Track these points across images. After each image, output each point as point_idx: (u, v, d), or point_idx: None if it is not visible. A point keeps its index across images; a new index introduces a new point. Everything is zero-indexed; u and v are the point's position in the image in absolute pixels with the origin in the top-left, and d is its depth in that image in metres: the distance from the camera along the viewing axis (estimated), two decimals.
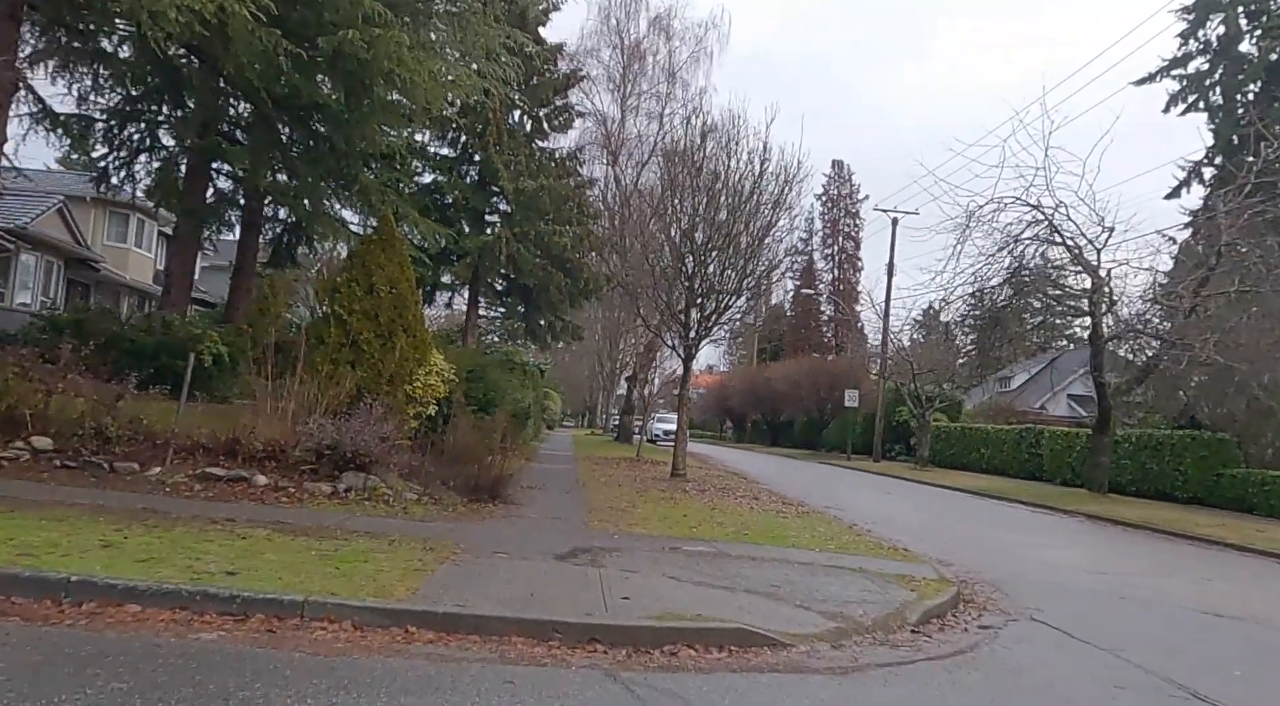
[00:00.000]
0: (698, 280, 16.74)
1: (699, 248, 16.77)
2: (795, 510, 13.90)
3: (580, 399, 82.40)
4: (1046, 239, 20.89)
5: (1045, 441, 30.02)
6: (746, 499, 15.11)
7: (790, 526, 11.48)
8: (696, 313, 16.83)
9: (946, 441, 36.80)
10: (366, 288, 13.36)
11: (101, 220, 30.01)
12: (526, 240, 23.23)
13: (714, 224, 16.67)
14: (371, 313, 13.24)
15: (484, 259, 22.36)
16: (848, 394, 39.74)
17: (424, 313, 14.58)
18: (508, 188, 22.31)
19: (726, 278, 16.56)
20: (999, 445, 33.22)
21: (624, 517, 10.93)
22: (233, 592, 4.71)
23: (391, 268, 13.64)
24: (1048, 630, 6.93)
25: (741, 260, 16.35)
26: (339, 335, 13.06)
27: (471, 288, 24.22)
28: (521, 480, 14.87)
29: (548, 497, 12.87)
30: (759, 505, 14.21)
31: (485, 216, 24.09)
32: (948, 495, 22.72)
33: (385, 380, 13.24)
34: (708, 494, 15.49)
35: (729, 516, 12.05)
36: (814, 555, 8.98)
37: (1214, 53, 32.92)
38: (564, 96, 24.25)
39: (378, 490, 9.94)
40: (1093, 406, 51.30)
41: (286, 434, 10.05)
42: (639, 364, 30.47)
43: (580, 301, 25.32)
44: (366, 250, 13.64)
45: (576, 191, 23.05)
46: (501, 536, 8.49)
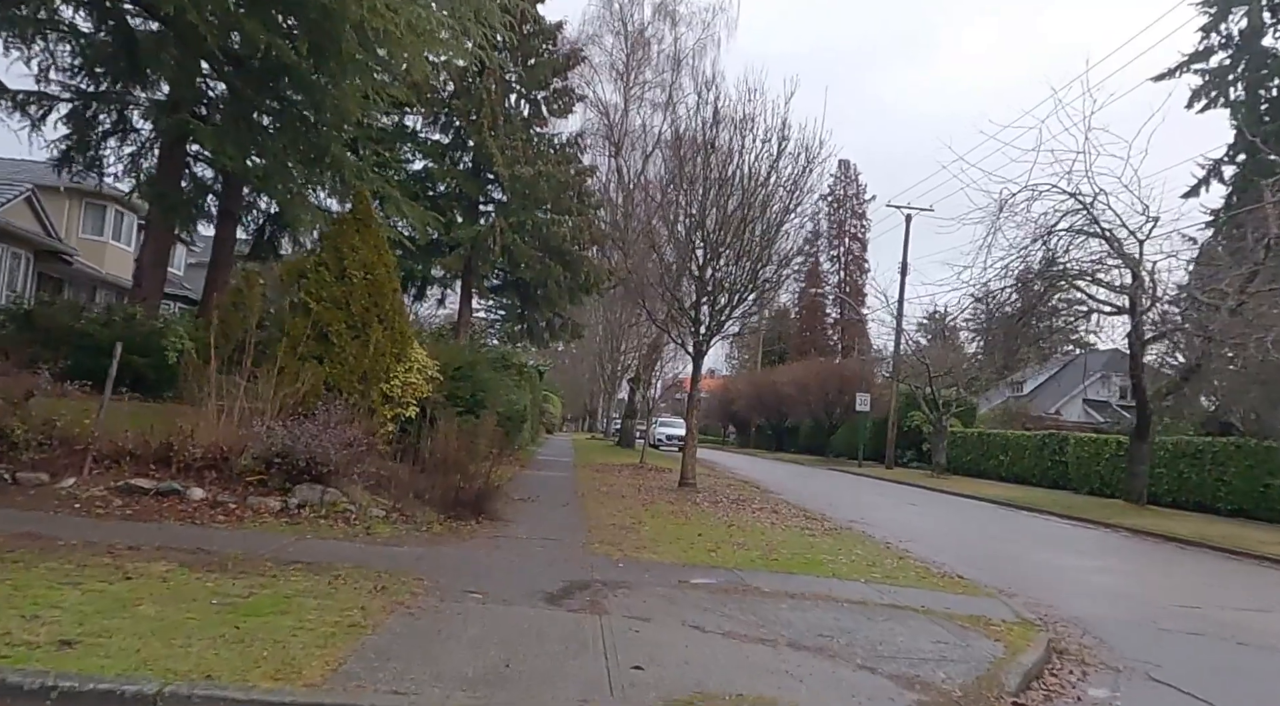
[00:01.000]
0: (709, 271, 15.20)
1: (710, 237, 15.22)
2: (821, 526, 12.32)
3: (581, 402, 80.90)
4: (1083, 230, 19.33)
5: (1070, 448, 28.45)
6: (765, 512, 13.53)
7: (822, 547, 9.90)
8: (708, 307, 15.27)
9: (963, 448, 35.22)
10: (337, 273, 11.81)
11: (76, 211, 28.49)
12: (522, 231, 21.68)
13: (726, 211, 15.15)
14: (342, 301, 11.69)
15: (476, 250, 20.81)
16: (859, 398, 38.14)
17: (406, 305, 13.00)
18: (503, 174, 20.78)
19: (741, 268, 15.01)
20: (1019, 452, 31.66)
21: (629, 538, 9.36)
22: (47, 681, 3.14)
23: (366, 251, 12.08)
24: (1181, 698, 5.35)
25: (757, 249, 14.80)
26: (304, 326, 11.50)
27: (464, 282, 22.66)
28: (514, 491, 13.31)
29: (542, 512, 11.30)
30: (780, 520, 12.64)
31: (479, 206, 22.56)
32: (974, 506, 21.13)
33: (358, 377, 11.69)
34: (721, 506, 13.92)
35: (751, 535, 10.47)
36: (862, 588, 7.40)
37: (1236, 47, 31.51)
38: (564, 78, 22.74)
39: (337, 505, 8.39)
40: (1109, 412, 50.00)
41: (231, 439, 8.49)
42: (642, 365, 28.87)
43: (580, 297, 23.75)
44: (339, 232, 12.08)
45: (577, 179, 21.52)
46: (480, 565, 6.92)
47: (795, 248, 14.79)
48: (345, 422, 8.69)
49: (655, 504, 13.33)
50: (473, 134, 20.96)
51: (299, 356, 11.37)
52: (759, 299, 15.06)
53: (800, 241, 15.02)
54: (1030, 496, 23.95)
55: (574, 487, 15.40)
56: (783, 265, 15.03)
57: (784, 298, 69.03)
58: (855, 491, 22.95)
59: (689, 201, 15.12)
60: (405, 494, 9.27)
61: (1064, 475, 28.85)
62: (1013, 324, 20.89)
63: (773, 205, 14.87)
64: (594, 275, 22.73)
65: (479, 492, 9.82)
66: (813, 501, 17.39)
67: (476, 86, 21.25)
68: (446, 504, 9.43)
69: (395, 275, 12.69)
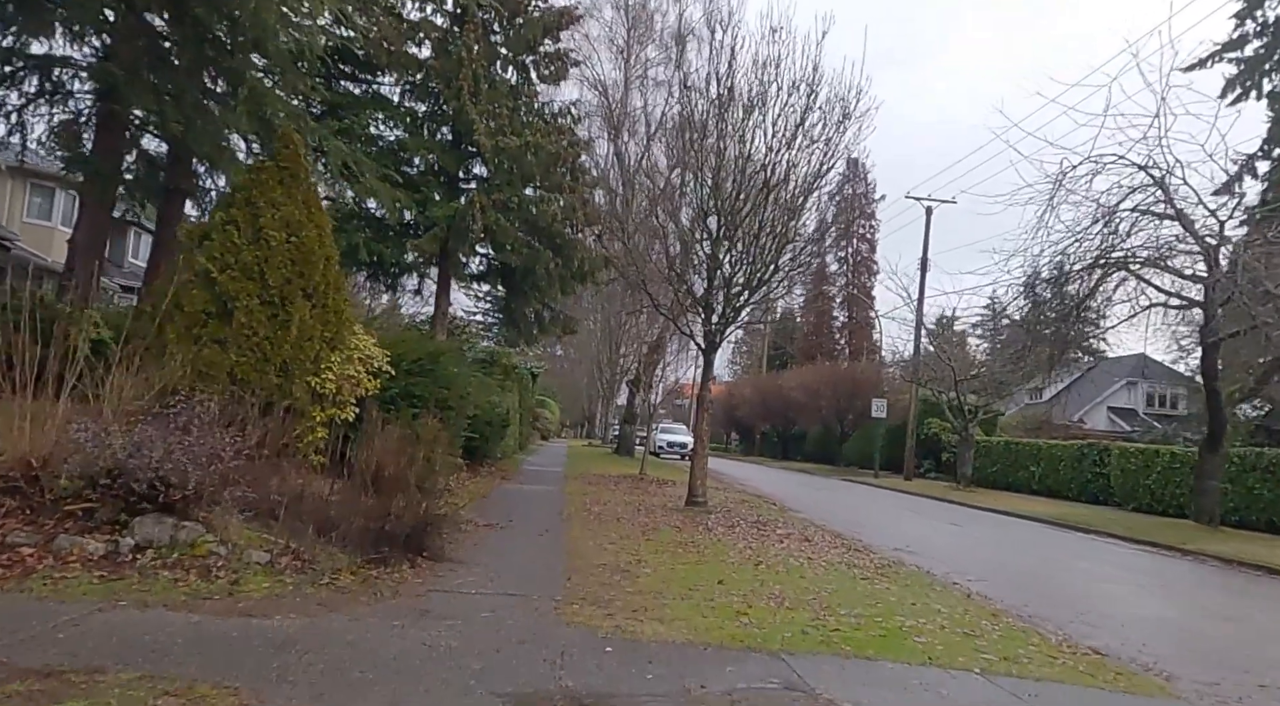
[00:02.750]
0: (724, 248, 12.58)
1: (725, 206, 12.60)
2: (870, 561, 9.65)
3: (579, 408, 78.26)
4: (1149, 210, 16.70)
5: (1114, 460, 25.77)
6: (794, 540, 10.86)
7: (887, 600, 7.24)
8: (722, 291, 12.65)
9: (988, 458, 32.54)
10: (251, 235, 9.18)
11: (20, 194, 25.89)
12: (507, 210, 19.06)
13: (745, 175, 12.55)
14: (255, 270, 9.05)
15: (454, 231, 18.19)
16: (874, 403, 35.49)
17: (344, 280, 10.36)
18: (485, 145, 18.18)
19: (761, 244, 12.37)
20: (1053, 463, 29.00)
21: (624, 590, 6.70)
22: None
23: (292, 207, 9.45)
24: None
25: (782, 221, 12.19)
26: (204, 301, 8.88)
27: (441, 268, 20.03)
28: (482, 512, 10.65)
29: (510, 546, 8.63)
30: (815, 552, 9.97)
31: (459, 183, 19.94)
32: (1020, 525, 18.44)
33: (275, 368, 9.05)
34: (740, 531, 11.26)
35: (788, 579, 7.80)
36: (986, 689, 4.74)
37: (1271, 35, 29.03)
38: (555, 39, 20.18)
39: (197, 547, 5.74)
40: (1136, 420, 47.22)
41: (47, 449, 5.85)
42: (642, 366, 26.20)
43: (573, 287, 21.09)
44: (254, 182, 9.43)
45: (570, 151, 18.94)
46: (378, 658, 4.27)
47: (829, 218, 12.18)
48: (210, 426, 6.03)
49: (658, 530, 10.67)
50: (450, 99, 18.35)
51: (195, 339, 8.76)
52: (785, 279, 12.45)
53: (832, 211, 12.39)
54: (1075, 514, 21.27)
55: (560, 506, 12.74)
56: (813, 240, 12.41)
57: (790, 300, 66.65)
58: (881, 507, 20.27)
59: (700, 164, 12.49)
60: (311, 526, 6.62)
61: (1105, 489, 26.21)
62: (1064, 318, 18.23)
63: (800, 168, 12.27)
64: (589, 262, 20.09)
65: (418, 522, 7.17)
66: (842, 521, 14.76)
67: (455, 45, 18.67)
68: (370, 540, 6.78)
69: (331, 241, 10.05)
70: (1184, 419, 42.53)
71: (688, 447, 42.43)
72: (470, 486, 14.25)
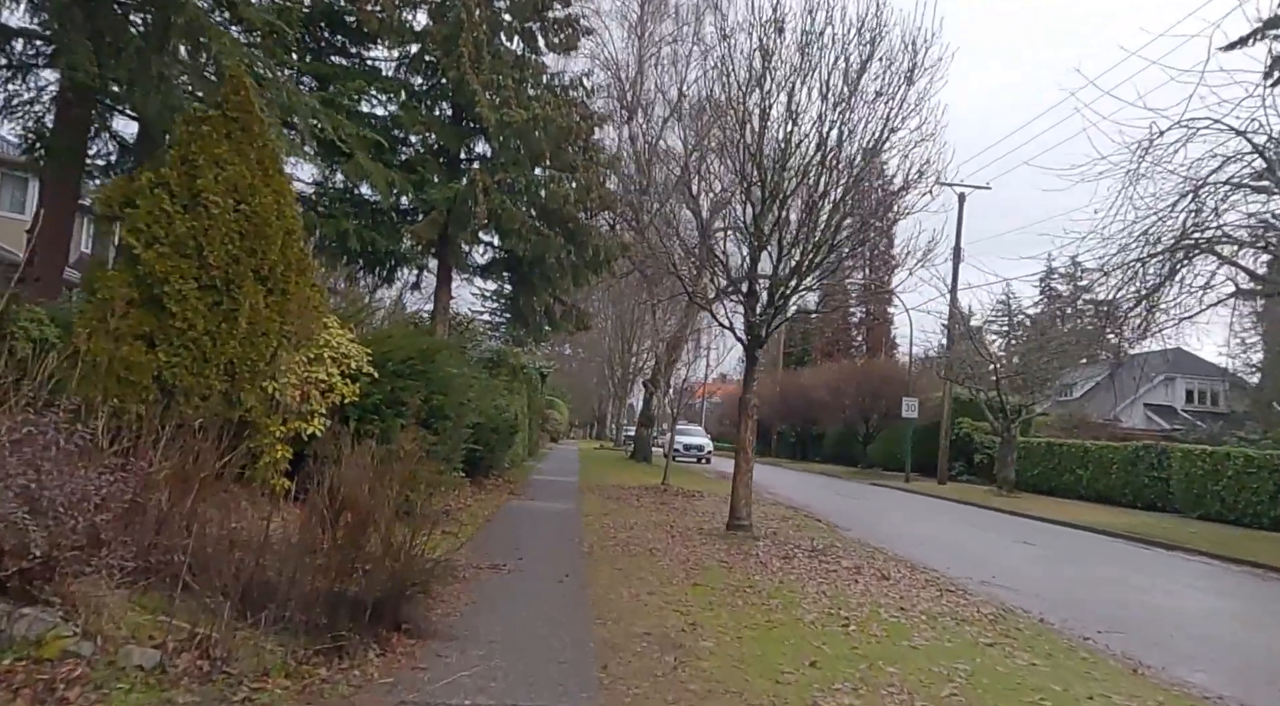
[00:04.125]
0: (771, 216, 10.55)
1: (771, 177, 10.57)
2: (977, 612, 7.59)
3: (589, 408, 76.38)
4: (1248, 183, 14.59)
5: (1176, 463, 23.62)
6: (870, 577, 8.81)
7: (1050, 690, 5.20)
8: (767, 276, 10.61)
9: (1028, 460, 30.38)
10: (187, 199, 7.20)
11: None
12: (514, 192, 17.08)
13: (793, 138, 10.51)
14: (191, 245, 7.07)
15: (455, 215, 16.20)
16: (905, 402, 33.36)
17: (311, 262, 8.36)
18: (489, 118, 16.19)
19: (817, 220, 10.33)
20: (1103, 466, 26.86)
21: (684, 688, 4.67)
22: None
23: (241, 167, 7.46)
24: None
25: (843, 183, 10.15)
26: (123, 285, 6.90)
27: (441, 258, 18.05)
28: (484, 545, 8.66)
29: (520, 603, 6.60)
30: (904, 597, 7.93)
31: (460, 163, 17.95)
32: (1096, 542, 16.33)
33: (218, 371, 7.07)
34: (798, 565, 9.23)
35: (897, 654, 5.75)
36: None
37: None
38: (565, 4, 18.21)
39: (46, 647, 3.75)
40: (1176, 418, 44.89)
41: None
42: (662, 363, 24.12)
43: (587, 277, 19.06)
44: (193, 135, 7.45)
45: (582, 126, 16.94)
46: None
47: (897, 188, 10.07)
48: (71, 456, 4.04)
49: (703, 567, 8.64)
50: (449, 69, 16.34)
51: (114, 335, 6.78)
52: (853, 250, 10.35)
53: (904, 176, 10.28)
54: (1145, 525, 19.17)
55: (579, 532, 10.72)
56: (881, 207, 10.31)
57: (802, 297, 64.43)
58: (931, 520, 18.18)
59: (741, 121, 10.43)
60: (238, 596, 4.61)
61: (1165, 495, 24.08)
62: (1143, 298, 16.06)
63: (863, 125, 10.21)
64: (604, 250, 18.07)
65: (391, 583, 5.17)
66: (898, 540, 12.76)
67: (454, 9, 16.66)
68: (323, 611, 4.79)
69: (295, 212, 8.07)
70: (1228, 417, 40.32)
71: (704, 450, 40.47)
72: (473, 506, 12.27)
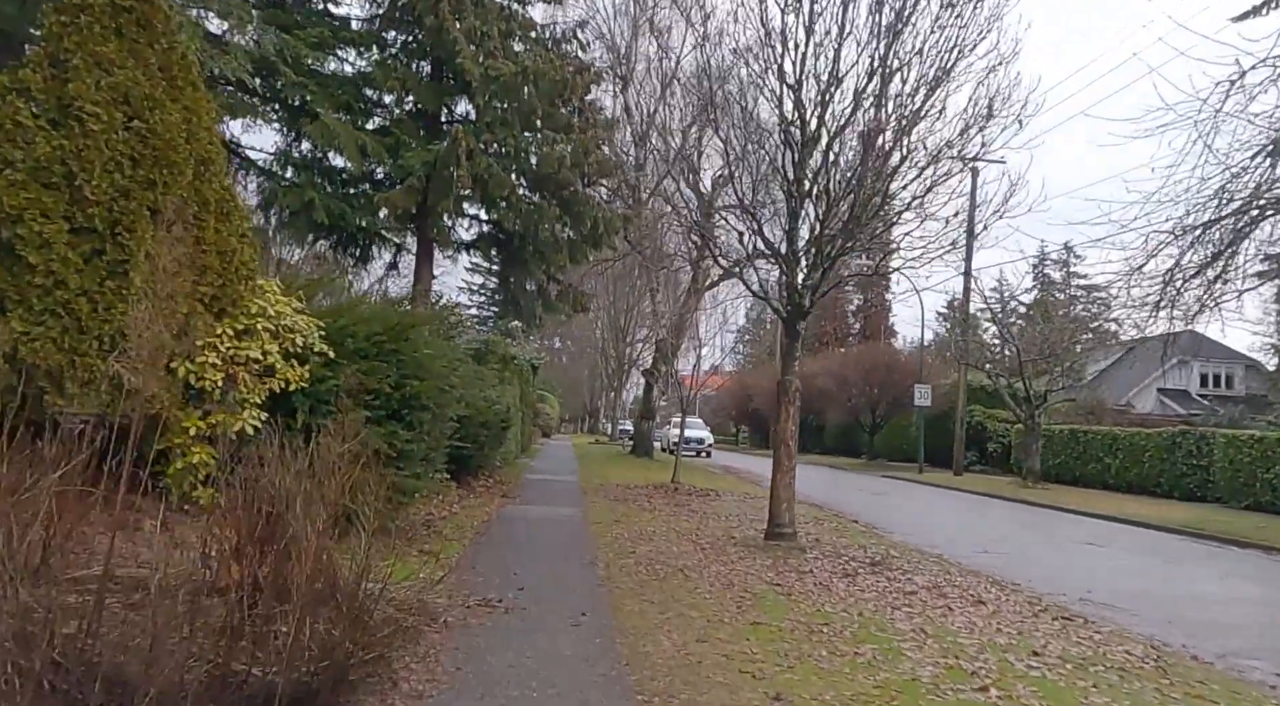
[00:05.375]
0: (820, 159, 8.66)
1: (818, 105, 8.69)
2: (1126, 654, 5.76)
3: (580, 402, 74.50)
4: None
5: (1219, 450, 21.96)
6: (958, 599, 6.96)
7: None
8: (816, 226, 8.71)
9: (1049, 448, 28.70)
10: (55, 111, 5.25)
11: None
12: (502, 158, 15.13)
13: (836, 65, 8.63)
14: (57, 172, 5.12)
15: (435, 182, 14.25)
16: (917, 390, 31.65)
17: (239, 203, 6.36)
18: (472, 72, 14.24)
19: (880, 159, 8.45)
20: (1134, 454, 25.20)
21: None
22: None
23: (133, 73, 5.51)
24: None
25: (903, 116, 8.25)
26: None
27: (420, 233, 16.07)
28: (472, 567, 6.78)
29: (522, 663, 4.67)
30: (1016, 627, 6.09)
31: (441, 124, 15.96)
32: (1160, 539, 14.56)
33: (100, 344, 5.14)
34: (865, 584, 7.38)
35: None
36: None
37: None
38: None
39: None
40: (1191, 402, 43.36)
41: None
42: (666, 349, 22.19)
43: (586, 253, 17.07)
44: (66, 29, 5.48)
45: (577, 80, 14.98)
46: None
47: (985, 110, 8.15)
48: None
49: (754, 593, 6.76)
50: (426, 13, 14.34)
51: None
52: (919, 198, 8.47)
53: (982, 106, 8.35)
54: (1201, 518, 17.43)
55: (589, 547, 8.82)
56: (943, 153, 8.38)
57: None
58: (973, 517, 16.39)
59: (780, 33, 8.51)
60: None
61: (1205, 484, 22.44)
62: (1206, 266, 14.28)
63: (926, 44, 8.32)
64: (604, 222, 16.13)
65: (327, 657, 3.26)
66: (949, 542, 11.03)
67: None
68: None
69: (216, 138, 6.12)
70: (1247, 401, 38.83)
71: (704, 444, 38.58)
72: (459, 514, 10.36)
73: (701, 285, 26.05)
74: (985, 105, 7.97)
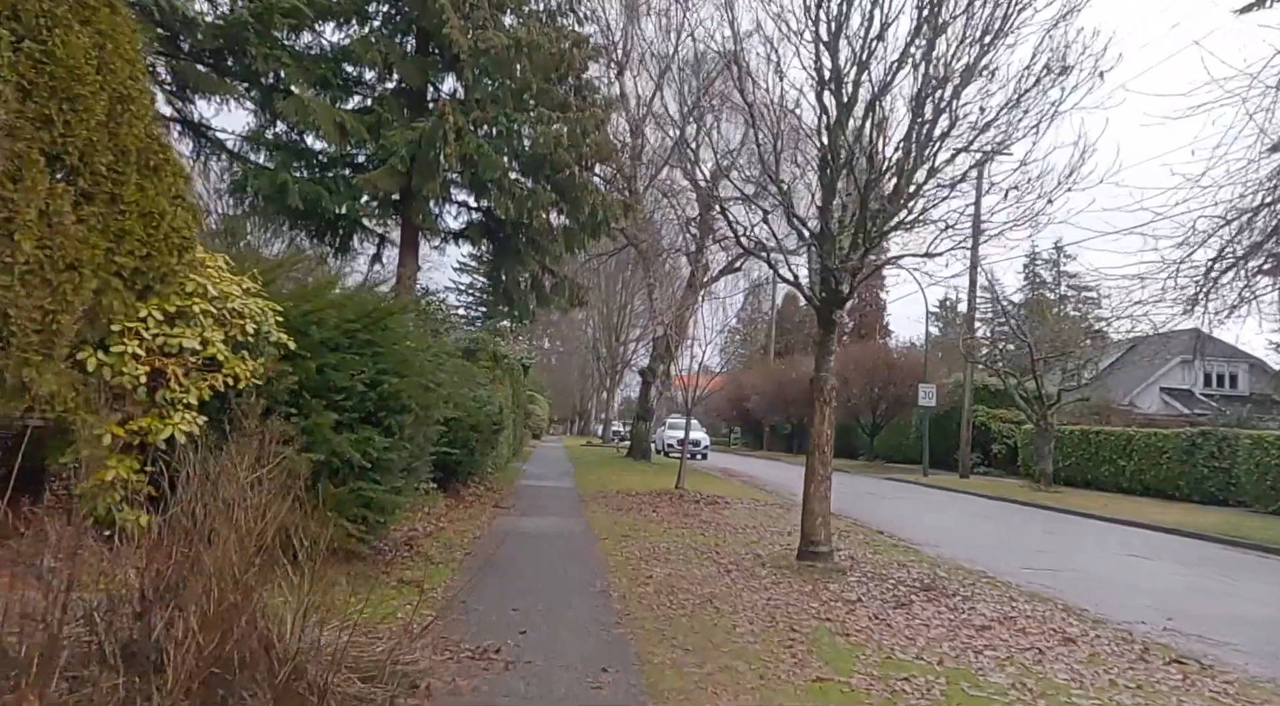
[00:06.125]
0: (850, 130, 7.53)
1: (856, 63, 7.57)
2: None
3: (570, 403, 73.31)
4: None
5: (1243, 452, 21.04)
6: (1050, 640, 5.84)
7: None
8: (856, 195, 7.57)
9: (1060, 450, 27.72)
10: None
11: None
12: (493, 139, 13.94)
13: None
14: None
15: (420, 163, 13.04)
16: (922, 390, 30.63)
17: (171, 153, 5.12)
18: (461, 44, 13.06)
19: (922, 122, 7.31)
20: (1151, 456, 24.27)
21: None
22: None
23: None
24: None
25: (968, 59, 7.13)
26: None
27: (404, 218, 14.83)
28: (459, 601, 5.60)
29: None
30: (1138, 682, 4.99)
31: (427, 104, 14.74)
32: (1203, 549, 13.51)
33: None
34: (925, 617, 6.25)
35: None
36: None
37: None
38: None
39: None
40: (1194, 402, 42.57)
41: None
42: (671, 343, 21.00)
43: (584, 242, 15.87)
44: None
45: (575, 54, 13.77)
46: None
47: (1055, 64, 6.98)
48: None
49: (802, 631, 5.61)
50: None
51: None
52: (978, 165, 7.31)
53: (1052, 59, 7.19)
54: (1233, 524, 16.46)
55: (597, 570, 7.64)
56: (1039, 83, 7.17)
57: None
58: (992, 524, 15.31)
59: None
60: None
61: (1227, 487, 21.55)
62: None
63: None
64: (603, 209, 14.96)
65: None
66: (991, 558, 9.90)
67: None
68: None
69: (141, 70, 4.90)
70: (1253, 401, 38.05)
71: (700, 445, 37.41)
72: (448, 529, 9.17)
73: (700, 281, 24.93)
74: (1061, 55, 6.82)
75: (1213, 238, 13.64)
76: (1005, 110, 7.27)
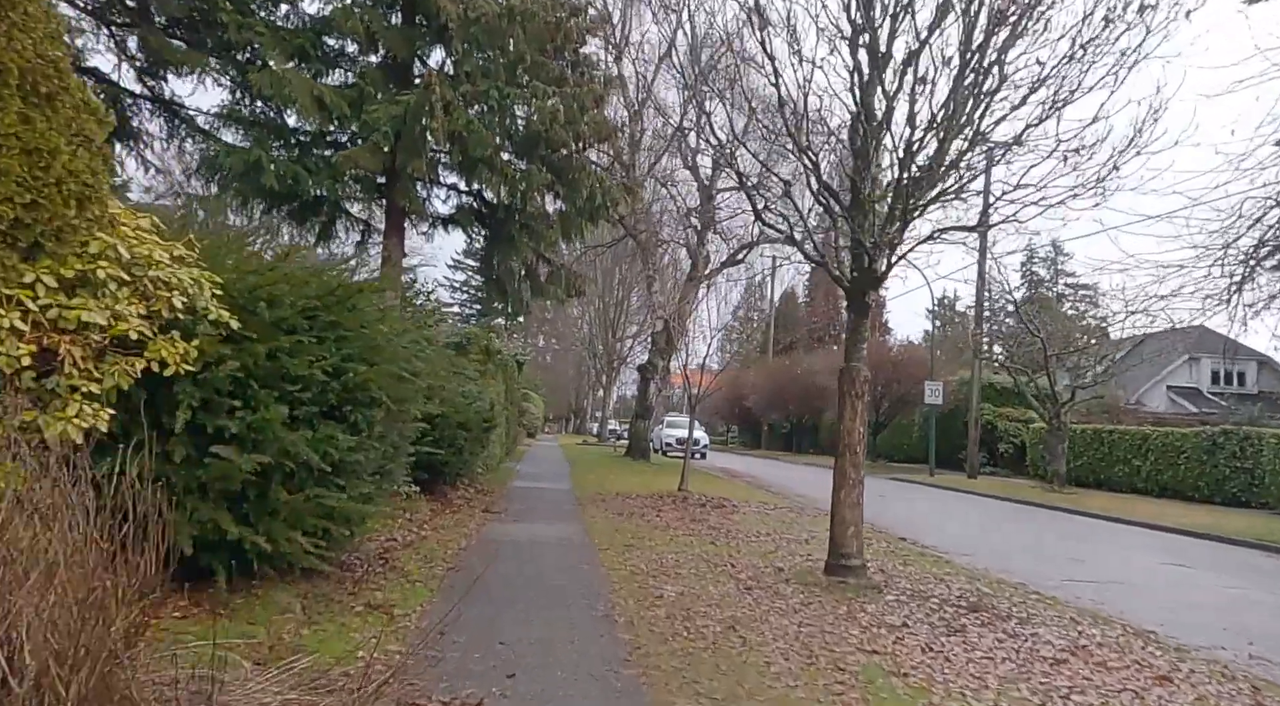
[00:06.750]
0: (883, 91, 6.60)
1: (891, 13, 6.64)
2: None
3: (564, 401, 72.29)
4: None
5: (1268, 452, 20.20)
6: (1140, 676, 4.92)
7: None
8: (894, 165, 6.65)
9: (1072, 450, 26.84)
10: None
11: None
12: (484, 114, 12.95)
13: None
14: None
15: (405, 139, 12.07)
16: (928, 387, 29.73)
17: (70, 73, 4.14)
18: (450, 11, 12.09)
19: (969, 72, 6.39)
20: (1169, 456, 23.42)
21: None
22: None
23: None
24: None
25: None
26: None
27: (388, 200, 13.83)
28: (437, 649, 4.56)
29: None
30: None
31: (414, 78, 13.75)
32: (1244, 556, 12.62)
33: None
34: (988, 649, 5.32)
35: None
36: None
37: None
38: None
39: None
40: (1202, 401, 41.76)
41: None
42: (674, 335, 20.03)
43: (582, 228, 14.89)
44: None
45: (571, 23, 12.79)
46: None
47: None
48: None
49: (850, 670, 4.66)
50: None
51: None
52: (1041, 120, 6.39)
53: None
54: (1262, 527, 15.64)
55: (599, 590, 6.67)
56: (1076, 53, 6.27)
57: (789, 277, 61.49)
58: (1014, 529, 14.39)
59: None
60: None
61: (1250, 488, 20.71)
62: None
63: None
64: (602, 192, 13.99)
65: None
66: (1028, 570, 8.98)
67: None
68: None
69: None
70: (1264, 399, 37.26)
71: (700, 445, 36.36)
72: (430, 538, 8.20)
73: (701, 273, 23.98)
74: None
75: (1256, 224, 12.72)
76: (1066, 62, 6.32)
